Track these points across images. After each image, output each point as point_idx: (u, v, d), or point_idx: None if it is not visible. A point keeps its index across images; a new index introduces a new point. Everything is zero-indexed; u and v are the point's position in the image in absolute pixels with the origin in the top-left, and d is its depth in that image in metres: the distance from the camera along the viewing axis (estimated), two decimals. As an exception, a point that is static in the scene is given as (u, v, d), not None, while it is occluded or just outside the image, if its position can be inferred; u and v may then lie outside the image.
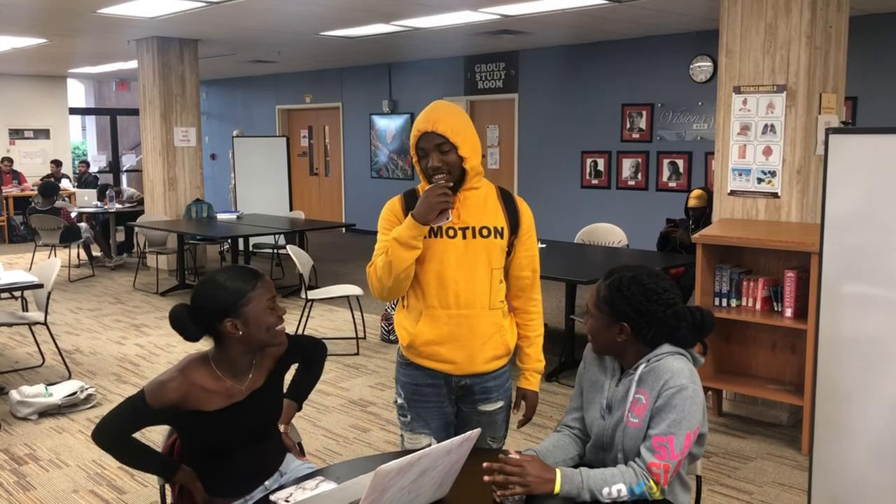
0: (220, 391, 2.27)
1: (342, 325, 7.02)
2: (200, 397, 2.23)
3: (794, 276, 4.31)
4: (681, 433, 2.06)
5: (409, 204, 2.53)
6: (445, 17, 7.71)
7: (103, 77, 15.54)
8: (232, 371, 2.30)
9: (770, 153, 4.57)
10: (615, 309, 2.15)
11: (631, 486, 2.04)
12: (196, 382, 2.23)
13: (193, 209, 9.56)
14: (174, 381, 2.21)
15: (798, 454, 4.23)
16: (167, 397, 2.19)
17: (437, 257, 2.49)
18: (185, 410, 2.22)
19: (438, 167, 2.42)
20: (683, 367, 2.12)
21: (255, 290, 2.25)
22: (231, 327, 2.23)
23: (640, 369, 2.17)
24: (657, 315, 2.13)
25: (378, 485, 1.73)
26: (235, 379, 2.30)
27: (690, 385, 2.08)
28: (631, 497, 2.04)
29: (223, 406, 2.27)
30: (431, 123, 2.40)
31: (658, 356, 2.16)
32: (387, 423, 4.77)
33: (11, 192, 12.99)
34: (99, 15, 7.49)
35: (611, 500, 2.02)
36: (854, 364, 2.89)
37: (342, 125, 13.49)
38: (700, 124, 9.04)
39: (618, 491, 2.02)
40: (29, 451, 4.38)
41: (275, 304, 2.30)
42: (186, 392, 2.21)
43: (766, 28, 4.52)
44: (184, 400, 2.21)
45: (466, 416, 2.64)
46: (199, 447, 2.32)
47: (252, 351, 2.31)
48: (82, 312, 7.78)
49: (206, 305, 2.24)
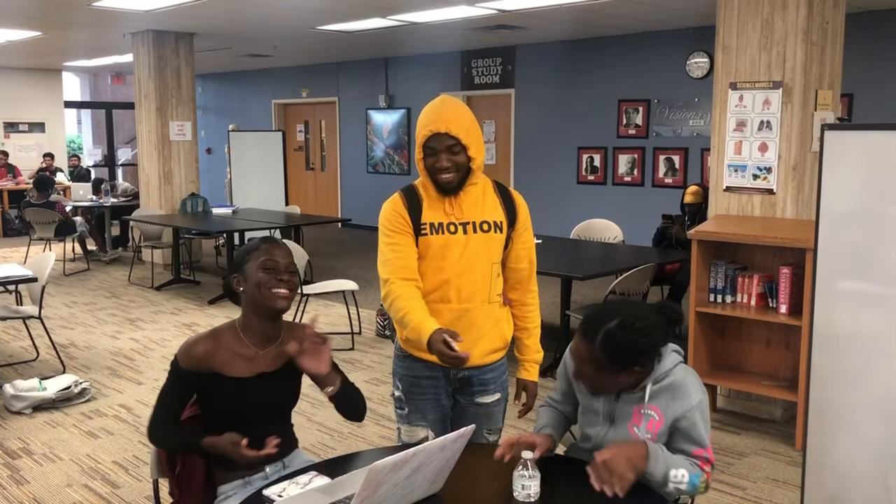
0: (244, 356, 2.36)
1: (337, 319, 7.01)
2: (225, 359, 2.33)
3: (789, 272, 4.32)
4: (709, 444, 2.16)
5: (410, 202, 2.52)
6: (442, 11, 7.70)
7: (99, 70, 15.48)
8: (254, 336, 2.39)
9: (766, 149, 4.57)
10: (621, 363, 2.12)
11: (691, 474, 2.08)
12: (223, 343, 2.35)
13: (189, 203, 9.54)
14: (202, 339, 2.35)
15: (792, 450, 4.24)
16: (195, 353, 2.31)
17: (438, 253, 2.49)
18: (209, 372, 2.30)
19: (448, 167, 2.42)
20: (692, 380, 2.18)
21: (258, 250, 2.38)
22: (237, 283, 2.38)
23: (648, 388, 2.17)
24: (657, 344, 2.16)
25: (372, 481, 1.73)
26: (259, 345, 2.38)
27: (702, 398, 2.16)
28: (690, 486, 2.08)
29: (243, 374, 2.34)
30: (444, 125, 2.39)
31: (665, 372, 2.17)
32: (381, 417, 4.76)
33: (6, 186, 12.95)
34: (94, 8, 7.46)
35: (674, 484, 2.06)
36: (848, 360, 2.90)
37: (338, 120, 13.46)
38: (696, 120, 9.05)
39: (682, 475, 2.07)
40: (22, 444, 4.37)
41: (274, 267, 2.35)
42: (213, 350, 2.32)
43: (763, 24, 4.51)
44: (210, 357, 2.31)
45: (463, 408, 2.65)
46: (214, 415, 2.37)
47: (258, 311, 2.36)
48: (77, 306, 7.77)
49: (230, 266, 2.45)
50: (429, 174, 2.48)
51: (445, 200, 2.50)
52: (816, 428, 2.99)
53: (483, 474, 2.26)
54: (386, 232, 2.52)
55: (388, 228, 2.51)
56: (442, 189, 2.47)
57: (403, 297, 2.43)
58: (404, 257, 2.48)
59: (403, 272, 2.47)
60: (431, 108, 2.45)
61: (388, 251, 2.50)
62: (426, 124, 2.42)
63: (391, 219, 2.52)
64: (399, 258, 2.48)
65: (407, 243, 2.50)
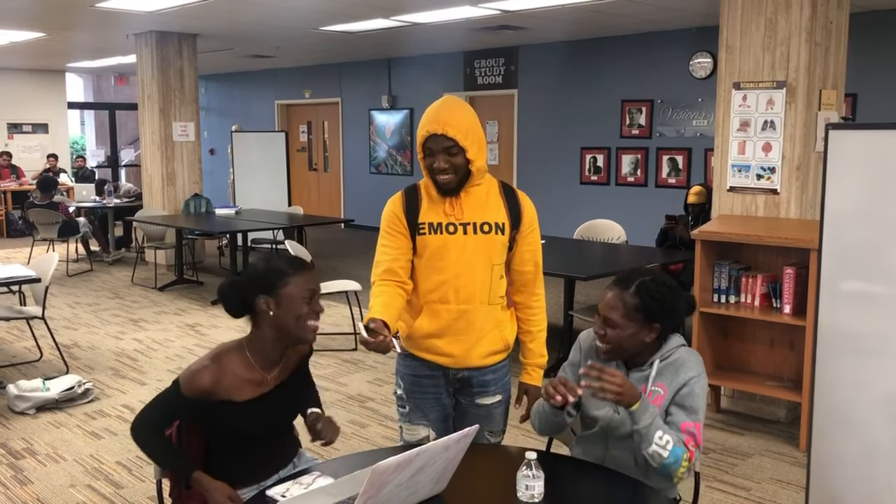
0: (251, 380, 2.29)
1: (340, 320, 7.01)
2: (232, 386, 2.24)
3: (793, 272, 4.31)
4: (702, 421, 2.23)
5: (409, 201, 2.53)
6: (445, 12, 7.69)
7: (102, 71, 15.50)
8: (263, 359, 2.32)
9: (770, 149, 4.56)
10: (649, 314, 2.25)
11: (675, 445, 2.14)
12: (229, 369, 2.26)
13: (192, 204, 9.54)
14: (207, 368, 2.23)
15: (796, 450, 4.23)
16: (201, 384, 2.21)
17: (437, 253, 2.50)
18: (217, 400, 2.22)
19: (445, 168, 2.42)
20: (695, 358, 2.29)
21: (297, 275, 2.28)
22: (264, 305, 2.25)
23: (655, 364, 2.28)
24: (679, 309, 2.30)
25: (375, 481, 1.73)
26: (266, 368, 2.33)
27: (703, 373, 2.27)
28: (672, 457, 2.13)
29: (252, 396, 2.28)
30: (442, 126, 2.39)
31: (670, 350, 2.30)
32: (385, 418, 4.76)
33: (10, 187, 12.97)
34: (97, 9, 7.47)
35: (658, 447, 2.13)
36: (853, 360, 2.89)
37: (341, 120, 13.46)
38: (700, 120, 9.03)
39: (666, 441, 2.13)
40: (26, 445, 4.37)
41: (313, 299, 2.30)
42: (219, 379, 2.23)
43: (767, 24, 4.50)
44: (216, 387, 2.22)
45: (464, 408, 2.65)
46: (225, 438, 2.32)
47: (282, 339, 2.31)
48: (80, 307, 7.77)
49: (249, 279, 2.30)
50: (428, 174, 2.48)
51: (446, 201, 2.50)
52: (821, 429, 2.98)
53: (486, 475, 2.26)
54: (382, 233, 2.57)
55: (384, 229, 2.56)
56: (441, 189, 2.48)
57: (375, 295, 2.50)
58: (391, 260, 2.53)
59: (387, 275, 2.53)
60: (432, 108, 2.45)
61: (379, 253, 2.56)
62: (425, 125, 2.43)
63: (388, 219, 2.55)
64: (386, 261, 2.53)
65: (398, 245, 2.53)
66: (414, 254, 2.55)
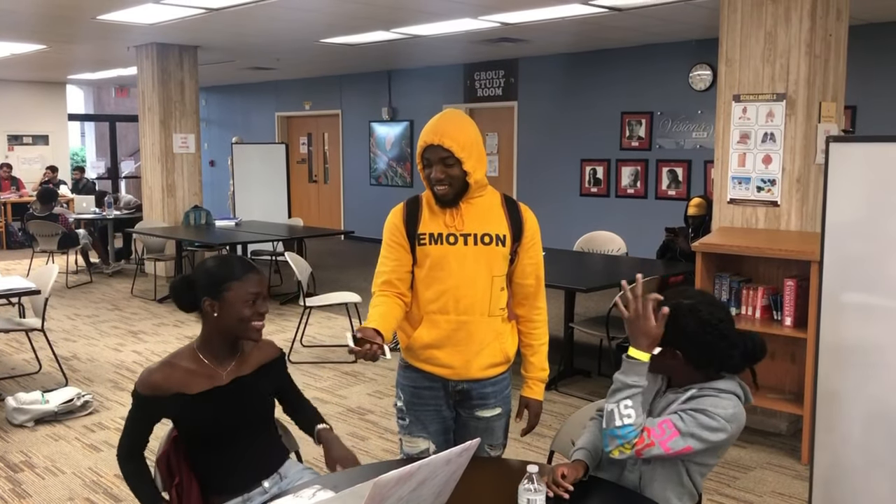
0: (202, 374, 2.37)
1: (340, 332, 6.99)
2: (183, 379, 2.34)
3: (794, 284, 4.30)
4: (684, 439, 2.08)
5: (410, 212, 2.54)
6: (446, 24, 7.72)
7: (102, 83, 15.53)
8: (213, 355, 2.40)
9: (770, 161, 4.56)
10: (667, 337, 2.13)
11: (633, 425, 2.06)
12: (179, 365, 2.36)
13: (192, 216, 9.54)
14: (158, 366, 2.36)
15: (798, 463, 4.21)
16: (152, 380, 2.31)
17: (437, 263, 2.50)
18: (170, 394, 2.31)
19: (441, 179, 2.44)
20: (730, 412, 2.14)
21: (240, 280, 2.34)
22: (209, 307, 2.35)
23: (690, 392, 2.16)
24: (711, 345, 2.14)
25: (376, 495, 1.71)
26: (217, 363, 2.40)
27: (726, 429, 2.12)
28: (621, 431, 2.06)
29: (204, 389, 2.35)
30: (438, 137, 2.41)
31: (711, 388, 2.16)
32: (385, 431, 4.74)
33: (10, 198, 12.97)
34: (98, 21, 7.49)
35: (614, 409, 2.07)
36: (854, 373, 2.88)
37: (341, 132, 13.49)
38: (699, 133, 9.05)
39: (628, 414, 2.06)
40: (25, 458, 4.35)
41: (257, 301, 2.36)
42: (169, 374, 2.33)
43: (766, 36, 4.52)
44: (167, 381, 2.32)
45: (464, 421, 2.64)
46: (191, 434, 2.38)
47: (226, 338, 2.39)
48: (80, 319, 7.76)
49: (197, 280, 2.39)
50: (428, 185, 2.50)
51: (447, 212, 2.51)
52: (823, 441, 2.97)
53: (488, 488, 2.25)
54: (383, 244, 2.59)
55: (385, 241, 2.59)
56: (439, 201, 2.49)
57: (373, 305, 2.51)
58: (391, 271, 2.55)
59: (386, 286, 2.55)
60: (432, 120, 2.48)
61: (380, 264, 2.59)
62: (423, 135, 2.47)
63: (389, 230, 2.58)
64: (386, 272, 2.56)
65: (398, 257, 2.55)
66: (415, 264, 2.55)
